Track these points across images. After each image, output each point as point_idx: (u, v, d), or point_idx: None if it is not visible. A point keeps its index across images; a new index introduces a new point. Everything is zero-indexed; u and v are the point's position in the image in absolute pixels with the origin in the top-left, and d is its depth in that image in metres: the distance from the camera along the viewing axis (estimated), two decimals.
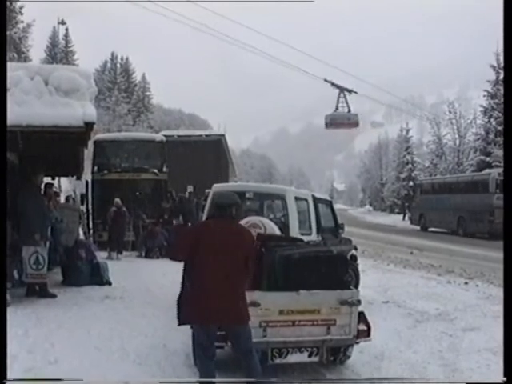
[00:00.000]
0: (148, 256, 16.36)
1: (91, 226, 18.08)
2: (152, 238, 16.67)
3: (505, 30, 4.56)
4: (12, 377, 4.44)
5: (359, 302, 5.60)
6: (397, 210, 52.77)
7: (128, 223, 17.16)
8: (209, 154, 35.37)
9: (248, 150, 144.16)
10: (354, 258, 10.66)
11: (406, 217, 40.38)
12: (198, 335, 4.82)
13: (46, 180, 12.73)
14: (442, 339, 7.30)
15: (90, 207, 18.30)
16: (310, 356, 5.47)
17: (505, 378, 4.02)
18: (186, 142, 36.11)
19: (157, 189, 19.53)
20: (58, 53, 52.95)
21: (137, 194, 19.21)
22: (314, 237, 8.95)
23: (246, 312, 4.78)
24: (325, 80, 30.33)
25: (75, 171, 13.30)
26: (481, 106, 38.03)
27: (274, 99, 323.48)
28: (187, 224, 17.12)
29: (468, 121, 41.57)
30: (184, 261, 4.82)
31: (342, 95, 31.56)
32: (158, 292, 9.81)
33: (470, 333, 7.65)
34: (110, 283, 10.56)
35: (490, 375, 5.63)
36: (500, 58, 34.51)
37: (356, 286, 8.33)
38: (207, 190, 14.56)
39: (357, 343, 5.77)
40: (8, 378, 4.26)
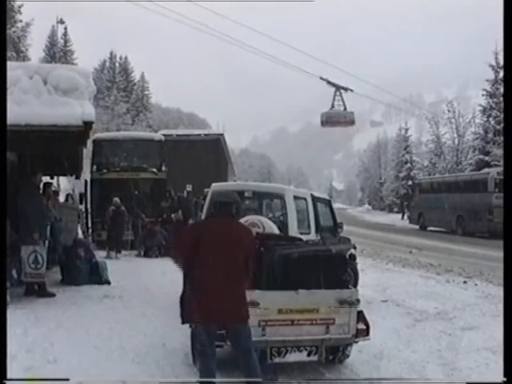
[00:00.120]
0: (147, 255, 16.37)
1: (90, 225, 18.05)
2: (151, 237, 16.68)
3: (505, 30, 4.57)
4: (11, 376, 4.43)
5: (358, 301, 5.60)
6: (396, 209, 52.77)
7: (127, 222, 17.16)
8: (208, 154, 35.33)
9: (247, 150, 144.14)
10: (352, 257, 10.66)
11: (405, 216, 40.40)
12: (198, 334, 4.82)
13: (45, 179, 12.73)
14: (440, 338, 7.30)
15: (88, 206, 18.27)
16: (309, 355, 5.47)
17: (505, 378, 4.02)
18: (184, 141, 36.10)
19: (156, 188, 19.54)
20: (57, 52, 52.87)
21: (136, 193, 19.19)
22: (312, 236, 8.95)
23: (245, 311, 4.79)
24: (321, 78, 30.18)
25: (74, 170, 13.27)
26: (480, 105, 38.01)
27: (274, 98, 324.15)
28: (187, 220, 17.09)
29: (467, 120, 41.54)
30: (185, 261, 4.82)
31: (337, 93, 31.45)
32: (157, 291, 9.82)
33: (469, 332, 7.66)
34: (108, 282, 10.56)
35: (489, 374, 5.63)
36: (499, 57, 34.53)
37: (355, 285, 8.34)
38: (206, 190, 14.55)
39: (356, 342, 5.77)
40: (8, 377, 4.26)
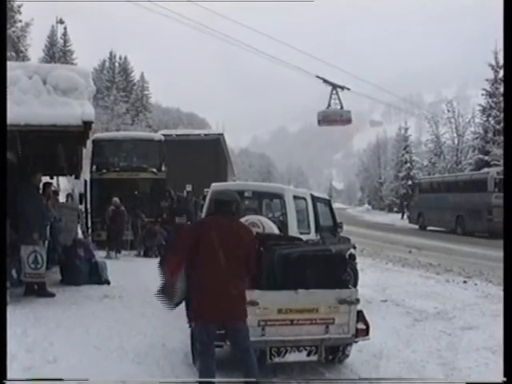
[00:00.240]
0: (147, 255, 16.36)
1: (90, 225, 18.05)
2: (151, 237, 16.68)
3: (505, 30, 4.56)
4: (11, 376, 4.43)
5: (358, 300, 5.60)
6: (395, 209, 52.82)
7: (126, 222, 17.17)
8: (207, 153, 35.33)
9: (247, 149, 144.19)
10: (352, 256, 10.67)
11: (405, 216, 40.41)
12: (198, 334, 4.81)
13: (45, 179, 12.73)
14: (440, 338, 7.30)
15: (88, 206, 18.27)
16: (308, 355, 5.47)
17: (505, 378, 4.02)
18: (184, 141, 36.10)
19: (155, 188, 19.54)
20: (57, 52, 52.88)
21: (135, 193, 19.22)
22: (312, 236, 8.96)
23: (244, 310, 4.79)
24: (317, 76, 30.14)
25: (74, 170, 13.27)
26: (479, 104, 38.07)
27: (273, 98, 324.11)
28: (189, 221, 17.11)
29: (466, 120, 41.64)
30: (185, 260, 4.82)
31: (334, 92, 31.47)
32: None
33: (469, 332, 7.65)
34: (108, 282, 10.56)
35: (489, 374, 5.63)
36: (498, 56, 34.58)
37: (355, 285, 8.33)
38: (206, 189, 14.58)
39: (355, 342, 5.77)
40: (8, 377, 4.26)
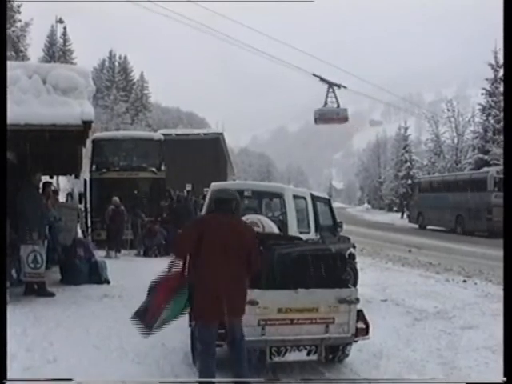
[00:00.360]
0: (146, 255, 16.37)
1: (89, 224, 18.04)
2: (150, 236, 16.69)
3: (504, 30, 4.56)
4: (11, 376, 4.43)
5: (358, 300, 5.60)
6: (395, 209, 52.85)
7: (126, 222, 17.16)
8: (207, 153, 35.30)
9: (246, 149, 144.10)
10: (352, 256, 10.66)
11: (405, 215, 40.40)
12: (200, 333, 4.80)
13: (45, 179, 12.73)
14: (440, 337, 7.30)
15: (88, 206, 18.28)
16: (308, 354, 5.47)
17: (505, 378, 4.01)
18: (184, 140, 36.05)
19: (155, 187, 19.54)
20: (56, 51, 52.87)
21: (135, 192, 19.20)
22: (312, 235, 8.95)
23: (244, 308, 4.82)
24: (313, 75, 30.15)
25: (73, 170, 13.27)
26: (479, 104, 38.03)
27: (273, 98, 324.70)
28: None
29: (466, 119, 41.62)
30: (185, 258, 4.82)
31: (331, 90, 31.49)
32: None
33: (469, 331, 7.66)
34: (108, 282, 10.57)
35: (489, 373, 5.63)
36: (498, 56, 34.58)
37: (354, 285, 8.33)
38: (205, 189, 14.56)
39: (355, 341, 5.77)
40: (8, 377, 4.26)
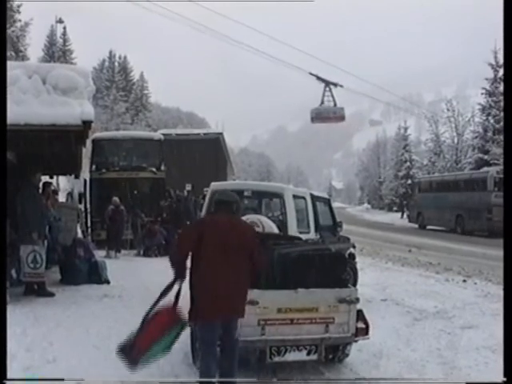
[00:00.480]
0: (146, 254, 16.37)
1: (89, 224, 18.04)
2: (150, 236, 16.69)
3: (504, 30, 4.56)
4: (11, 375, 4.43)
5: (357, 300, 5.60)
6: (395, 208, 52.77)
7: (126, 222, 17.17)
8: (207, 153, 35.31)
9: (246, 149, 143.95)
10: (352, 256, 10.67)
11: (405, 215, 40.40)
12: (202, 333, 4.77)
13: (45, 179, 12.73)
14: (440, 337, 7.30)
15: (88, 206, 18.29)
16: (308, 354, 5.47)
17: (505, 378, 4.01)
18: (184, 140, 36.07)
19: (155, 187, 19.54)
20: (56, 51, 52.80)
21: (135, 192, 19.20)
22: (312, 235, 8.95)
23: (244, 308, 4.82)
24: (310, 73, 30.06)
25: (73, 170, 13.26)
26: (479, 103, 37.97)
27: (273, 98, 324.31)
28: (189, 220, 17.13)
29: (466, 119, 41.56)
30: (186, 258, 4.82)
31: (327, 89, 31.44)
32: (157, 291, 9.68)
33: (469, 331, 7.66)
34: (108, 282, 10.57)
35: (489, 373, 5.63)
36: (498, 56, 34.54)
37: (354, 284, 8.34)
38: (205, 189, 14.56)
39: (355, 341, 5.77)
40: (8, 377, 4.26)
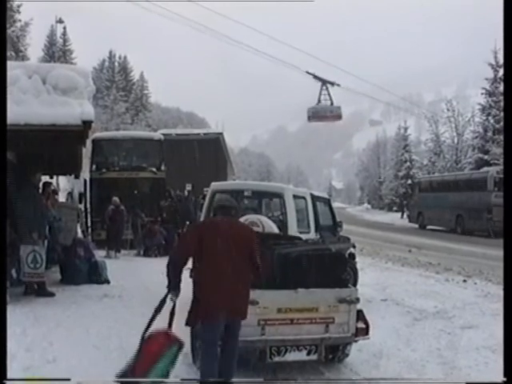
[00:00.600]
0: (146, 254, 16.38)
1: (89, 224, 18.05)
2: (150, 236, 16.70)
3: (504, 29, 4.56)
4: (11, 375, 4.43)
5: (358, 300, 5.61)
6: (395, 208, 52.74)
7: (126, 222, 17.15)
8: (207, 153, 35.31)
9: (246, 149, 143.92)
10: (352, 256, 10.67)
11: (405, 215, 40.39)
12: (205, 333, 4.77)
13: (45, 179, 12.72)
14: (440, 337, 7.31)
15: (88, 206, 18.29)
16: (308, 354, 5.48)
17: (505, 378, 4.01)
18: (184, 140, 36.08)
19: (155, 187, 19.53)
20: (56, 51, 52.76)
21: (135, 192, 19.19)
22: (312, 235, 8.95)
23: (247, 308, 4.83)
24: (307, 72, 30.08)
25: (73, 170, 13.26)
26: (479, 104, 37.96)
27: (273, 98, 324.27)
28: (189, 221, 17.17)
29: (466, 119, 41.57)
30: (186, 261, 4.84)
31: (324, 88, 31.45)
32: (157, 291, 9.72)
33: (469, 331, 7.66)
34: (108, 282, 10.57)
35: (489, 373, 5.64)
36: (498, 55, 34.53)
37: (354, 284, 8.34)
38: (205, 189, 14.57)
39: (355, 341, 5.78)
40: (8, 377, 4.26)
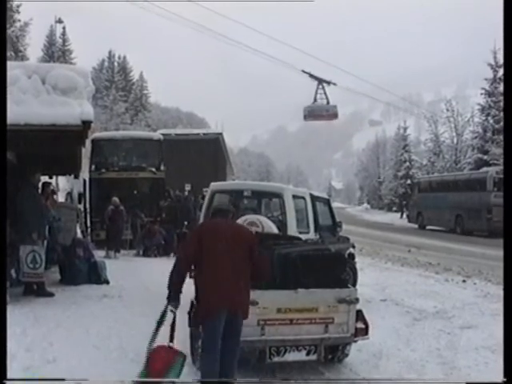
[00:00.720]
0: (146, 255, 16.37)
1: (89, 224, 18.03)
2: (150, 236, 16.68)
3: (504, 30, 4.56)
4: (10, 376, 4.43)
5: (357, 300, 5.61)
6: (394, 208, 52.75)
7: (126, 222, 17.14)
8: (206, 153, 35.25)
9: (246, 149, 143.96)
10: (351, 256, 10.67)
11: (404, 215, 40.39)
12: (206, 331, 4.78)
13: (44, 179, 12.72)
14: (440, 337, 7.31)
15: (87, 206, 18.28)
16: (308, 354, 5.48)
17: (505, 379, 4.01)
18: (183, 140, 35.99)
19: (154, 187, 19.52)
20: (56, 51, 52.76)
21: (134, 192, 19.18)
22: (311, 235, 8.95)
23: (248, 306, 4.85)
24: (303, 71, 30.00)
25: (73, 170, 13.25)
26: (478, 104, 37.97)
27: (273, 98, 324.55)
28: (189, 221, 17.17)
29: (466, 119, 41.59)
30: (190, 265, 4.89)
31: (320, 87, 31.40)
32: (157, 290, 9.74)
33: (468, 331, 7.67)
34: (107, 282, 10.56)
35: (488, 373, 5.64)
36: (498, 56, 34.54)
37: (354, 285, 8.35)
38: (205, 189, 14.56)
39: (355, 341, 5.78)
40: (8, 377, 4.26)
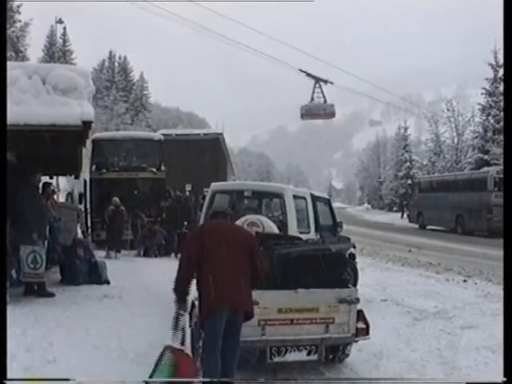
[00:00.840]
0: (146, 255, 16.37)
1: (89, 224, 18.04)
2: (150, 236, 16.68)
3: (504, 29, 4.55)
4: (11, 375, 4.42)
5: (358, 300, 5.61)
6: (395, 208, 52.75)
7: (126, 222, 17.13)
8: (207, 153, 35.25)
9: (246, 149, 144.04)
10: (352, 256, 10.67)
11: (405, 215, 40.40)
12: (208, 330, 4.78)
13: (44, 179, 12.72)
14: (440, 337, 7.31)
15: (88, 206, 18.29)
16: (308, 354, 5.48)
17: (505, 378, 4.01)
18: (184, 140, 35.98)
19: (155, 188, 19.52)
20: (56, 52, 52.74)
21: (135, 192, 19.18)
22: (312, 235, 8.95)
23: (252, 304, 4.88)
24: (300, 70, 29.99)
25: (73, 170, 13.25)
26: (479, 103, 37.94)
27: (273, 98, 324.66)
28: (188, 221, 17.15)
29: (466, 119, 41.58)
30: (194, 265, 4.85)
31: (317, 85, 31.40)
32: (157, 291, 9.77)
33: (469, 331, 7.67)
34: (108, 282, 10.56)
35: (489, 373, 5.64)
36: (498, 55, 34.53)
37: (354, 285, 8.35)
38: (205, 189, 14.57)
39: (355, 341, 5.78)
40: (8, 377, 4.25)
